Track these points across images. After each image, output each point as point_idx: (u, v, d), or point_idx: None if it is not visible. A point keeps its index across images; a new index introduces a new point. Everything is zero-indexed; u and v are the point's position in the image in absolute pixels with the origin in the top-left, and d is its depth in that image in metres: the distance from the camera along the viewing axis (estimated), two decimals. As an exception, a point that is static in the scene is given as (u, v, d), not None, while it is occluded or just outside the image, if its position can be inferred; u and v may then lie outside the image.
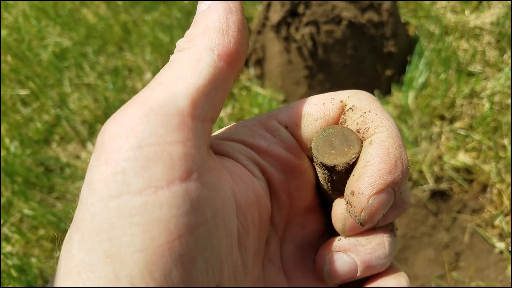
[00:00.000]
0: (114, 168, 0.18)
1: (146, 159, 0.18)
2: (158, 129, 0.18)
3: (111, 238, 0.17)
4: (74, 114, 1.51)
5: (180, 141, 0.18)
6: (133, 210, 0.17)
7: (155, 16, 1.85)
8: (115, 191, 0.17)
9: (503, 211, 1.08)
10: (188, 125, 0.19)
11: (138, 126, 0.18)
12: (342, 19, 1.19)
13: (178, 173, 0.18)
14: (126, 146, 0.18)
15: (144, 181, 0.17)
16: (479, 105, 1.23)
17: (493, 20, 1.43)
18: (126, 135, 0.18)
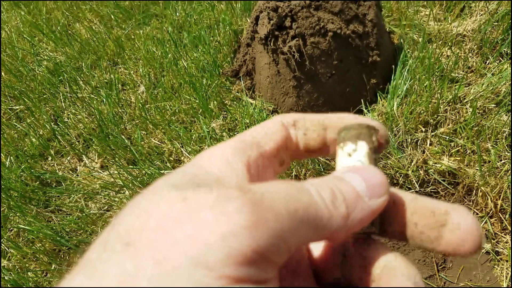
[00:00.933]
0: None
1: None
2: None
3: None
4: (69, 128, 1.53)
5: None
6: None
7: (147, 30, 1.89)
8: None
9: (488, 213, 1.11)
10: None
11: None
12: (327, 31, 1.23)
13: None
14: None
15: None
16: (463, 110, 1.27)
17: (475, 27, 1.47)
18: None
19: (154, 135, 1.45)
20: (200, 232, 0.18)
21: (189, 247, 0.18)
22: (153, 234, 0.18)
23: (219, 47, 1.66)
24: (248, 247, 0.17)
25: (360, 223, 0.21)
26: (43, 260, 1.19)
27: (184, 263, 0.17)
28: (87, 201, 1.32)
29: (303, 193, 0.20)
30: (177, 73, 1.59)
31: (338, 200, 0.21)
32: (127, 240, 0.19)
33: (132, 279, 0.17)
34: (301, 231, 0.19)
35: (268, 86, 1.37)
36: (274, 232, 0.18)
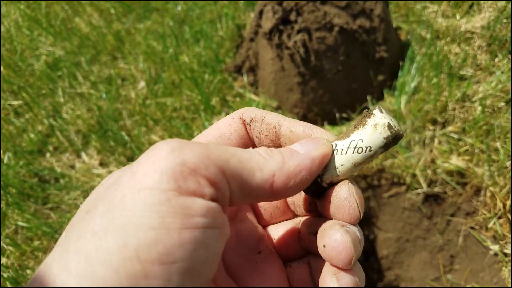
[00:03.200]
0: (158, 168, 0.21)
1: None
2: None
3: (130, 215, 0.19)
4: (68, 124, 1.51)
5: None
6: (158, 201, 0.20)
7: (148, 24, 1.86)
8: (149, 184, 0.21)
9: (496, 214, 1.09)
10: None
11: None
12: (333, 25, 1.20)
13: (198, 192, 0.21)
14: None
15: (174, 185, 0.21)
16: (471, 108, 1.24)
17: (484, 24, 1.44)
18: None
19: (154, 131, 1.42)
20: (136, 168, 0.21)
21: (129, 180, 0.21)
22: (104, 191, 0.22)
23: (221, 42, 1.63)
24: (175, 163, 0.21)
25: (297, 168, 0.24)
26: (42, 258, 1.17)
27: (128, 193, 0.20)
28: (86, 198, 1.29)
29: (238, 149, 0.24)
30: (178, 68, 1.56)
31: (274, 152, 0.24)
32: (87, 209, 0.21)
33: (88, 221, 0.20)
34: (225, 154, 0.22)
35: (271, 82, 1.34)
36: (197, 150, 0.22)
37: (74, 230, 0.21)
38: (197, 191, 0.21)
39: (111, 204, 0.20)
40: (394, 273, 1.15)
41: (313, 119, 1.33)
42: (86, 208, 0.22)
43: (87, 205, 0.22)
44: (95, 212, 0.20)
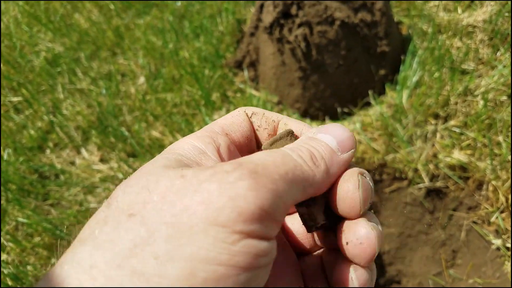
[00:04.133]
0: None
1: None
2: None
3: (200, 247, 0.20)
4: (68, 120, 1.50)
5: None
6: (230, 240, 0.20)
7: (147, 20, 1.85)
8: (223, 222, 0.20)
9: (499, 208, 1.08)
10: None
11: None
12: (335, 19, 1.19)
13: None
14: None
15: (246, 228, 0.21)
16: (473, 102, 1.23)
17: (486, 18, 1.43)
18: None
19: (154, 127, 1.41)
20: (208, 198, 0.20)
21: (201, 210, 0.20)
22: (159, 205, 0.20)
23: (221, 37, 1.62)
24: (255, 205, 0.20)
25: (337, 174, 0.25)
26: (42, 254, 1.17)
27: (199, 223, 0.19)
28: (86, 194, 1.29)
29: (286, 158, 0.23)
30: (178, 64, 1.55)
31: (318, 159, 0.24)
32: (131, 212, 0.20)
33: (147, 240, 0.19)
34: (293, 190, 0.22)
35: (272, 77, 1.34)
36: (273, 192, 0.21)
37: (118, 236, 0.20)
38: (268, 236, 0.21)
39: (178, 230, 0.19)
40: (396, 268, 1.14)
41: (314, 114, 1.32)
42: (127, 210, 0.21)
43: (129, 207, 0.21)
44: (151, 228, 0.20)
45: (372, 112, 1.28)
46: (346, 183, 0.25)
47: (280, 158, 0.23)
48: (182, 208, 0.20)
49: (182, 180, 0.21)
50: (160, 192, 0.21)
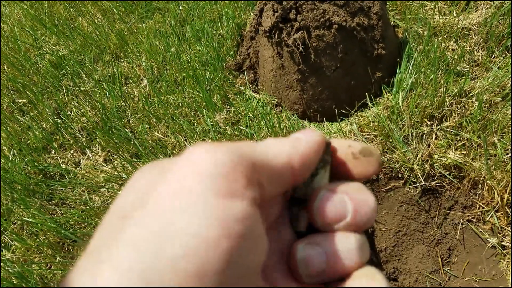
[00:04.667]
0: (195, 170, 0.20)
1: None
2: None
3: (167, 221, 0.19)
4: (72, 121, 1.53)
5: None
6: (195, 205, 0.19)
7: (150, 24, 1.88)
8: (187, 186, 0.20)
9: (494, 207, 1.11)
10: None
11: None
12: (332, 23, 1.22)
13: (238, 192, 0.20)
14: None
15: (212, 187, 0.20)
16: (468, 104, 1.26)
17: (481, 21, 1.46)
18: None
19: (157, 128, 1.44)
20: (172, 175, 0.20)
21: (166, 188, 0.19)
22: (137, 199, 0.20)
23: (222, 40, 1.65)
24: (212, 163, 0.20)
25: (306, 150, 0.25)
26: (47, 253, 1.19)
27: (166, 198, 0.19)
28: (90, 194, 1.31)
29: (254, 142, 0.24)
30: (180, 67, 1.58)
31: (282, 140, 0.25)
32: (123, 214, 0.20)
33: (124, 231, 0.19)
34: (257, 152, 0.22)
35: (272, 80, 1.37)
36: (231, 150, 0.21)
37: (108, 237, 0.19)
38: (237, 192, 0.20)
39: (146, 209, 0.19)
40: (393, 266, 1.17)
41: (313, 115, 1.35)
42: (120, 212, 0.20)
43: (122, 209, 0.20)
44: (132, 219, 0.19)
45: (369, 113, 1.31)
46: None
47: (250, 142, 0.24)
48: (150, 186, 0.20)
49: (158, 166, 0.22)
50: (142, 184, 0.21)
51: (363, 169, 0.28)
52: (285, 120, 1.35)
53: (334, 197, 0.25)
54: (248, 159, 0.21)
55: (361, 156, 0.27)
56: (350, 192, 0.26)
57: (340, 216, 0.25)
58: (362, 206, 0.25)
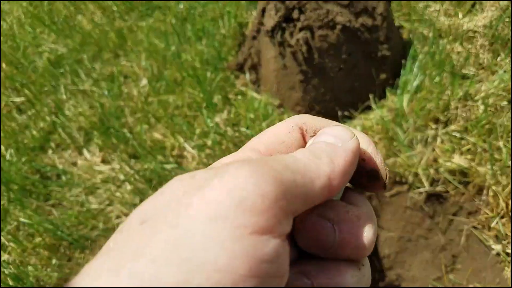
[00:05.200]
0: (232, 200, 0.19)
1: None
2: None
3: (198, 248, 0.18)
4: (70, 121, 1.51)
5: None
6: (229, 238, 0.18)
7: (150, 22, 1.86)
8: (222, 215, 0.19)
9: (499, 213, 1.08)
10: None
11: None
12: (336, 23, 1.19)
13: (274, 229, 0.19)
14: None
15: (247, 220, 0.19)
16: (474, 107, 1.23)
17: (486, 23, 1.44)
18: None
19: (156, 129, 1.42)
20: (209, 193, 0.19)
21: (202, 207, 0.18)
22: (166, 207, 0.19)
23: (223, 40, 1.63)
24: (255, 193, 0.18)
25: (346, 165, 0.23)
26: (44, 255, 1.17)
27: (198, 220, 0.18)
28: (88, 195, 1.29)
29: (285, 156, 0.22)
30: (181, 66, 1.56)
31: (317, 153, 0.23)
32: (142, 219, 0.19)
33: (148, 243, 0.18)
34: (298, 179, 0.20)
35: (274, 80, 1.34)
36: (275, 179, 0.19)
37: (126, 243, 0.19)
38: (273, 228, 0.19)
39: (176, 228, 0.18)
40: (396, 272, 1.15)
41: (315, 117, 1.33)
42: (140, 217, 0.20)
43: (143, 214, 0.20)
44: (155, 231, 0.18)
45: (372, 116, 1.29)
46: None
47: (279, 155, 0.22)
48: (184, 206, 0.19)
49: (191, 180, 0.20)
50: (169, 193, 0.20)
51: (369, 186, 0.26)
52: (287, 122, 1.32)
53: (321, 224, 0.23)
54: (291, 191, 0.20)
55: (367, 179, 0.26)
56: (341, 220, 0.23)
57: (323, 245, 0.23)
58: (350, 238, 0.23)
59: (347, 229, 0.23)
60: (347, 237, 0.23)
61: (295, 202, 0.20)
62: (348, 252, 0.23)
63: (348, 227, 0.23)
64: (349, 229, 0.23)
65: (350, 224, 0.23)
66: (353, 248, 0.23)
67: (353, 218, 0.24)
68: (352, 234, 0.23)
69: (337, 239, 0.23)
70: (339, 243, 0.23)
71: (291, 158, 0.22)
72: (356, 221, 0.23)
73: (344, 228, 0.23)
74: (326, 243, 0.23)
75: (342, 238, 0.23)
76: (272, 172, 0.19)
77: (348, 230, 0.23)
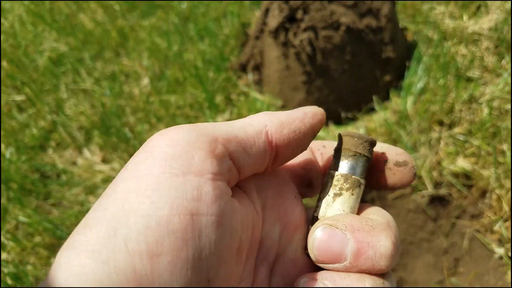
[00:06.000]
0: (150, 154, 0.21)
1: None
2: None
3: (123, 202, 0.19)
4: (71, 120, 1.50)
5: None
6: (148, 185, 0.19)
7: (152, 21, 1.85)
8: (141, 171, 0.20)
9: (502, 217, 1.08)
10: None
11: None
12: (340, 24, 1.19)
13: (194, 168, 0.20)
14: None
15: (165, 167, 0.20)
16: (478, 110, 1.23)
17: (491, 26, 1.43)
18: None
19: (157, 128, 1.41)
20: (153, 145, 0.21)
21: (146, 162, 0.20)
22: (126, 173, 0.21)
23: (226, 40, 1.62)
24: (185, 142, 0.21)
25: (292, 118, 0.25)
26: (43, 254, 1.16)
27: (140, 174, 0.20)
28: (87, 194, 1.28)
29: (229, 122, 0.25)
30: (183, 66, 1.55)
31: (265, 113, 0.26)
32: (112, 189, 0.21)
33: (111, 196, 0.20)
34: (229, 130, 0.22)
35: (276, 81, 1.33)
36: (203, 133, 0.21)
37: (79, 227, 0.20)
38: (194, 168, 0.20)
39: (104, 196, 0.20)
40: (398, 275, 1.14)
41: (318, 118, 1.32)
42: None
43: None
44: (93, 205, 0.20)
45: (376, 117, 1.28)
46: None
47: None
48: (135, 162, 0.21)
49: (155, 136, 0.23)
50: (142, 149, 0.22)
51: (397, 180, 0.26)
52: (289, 123, 1.32)
53: (334, 234, 0.23)
54: (208, 134, 0.21)
55: (394, 167, 0.25)
56: (356, 230, 0.23)
57: (335, 258, 0.23)
58: (367, 249, 0.22)
59: (362, 238, 0.23)
60: (362, 246, 0.22)
61: (222, 143, 0.21)
62: (367, 264, 0.22)
63: (363, 236, 0.22)
64: (363, 238, 0.22)
65: (364, 233, 0.23)
66: (369, 258, 0.22)
67: (367, 227, 0.23)
68: (367, 243, 0.22)
69: (352, 249, 0.22)
70: (355, 253, 0.22)
71: (232, 121, 0.24)
72: (371, 230, 0.23)
73: (358, 236, 0.22)
74: (342, 254, 0.23)
75: (358, 247, 0.22)
76: (187, 126, 0.22)
77: (362, 238, 0.23)
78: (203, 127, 0.22)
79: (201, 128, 0.22)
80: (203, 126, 0.22)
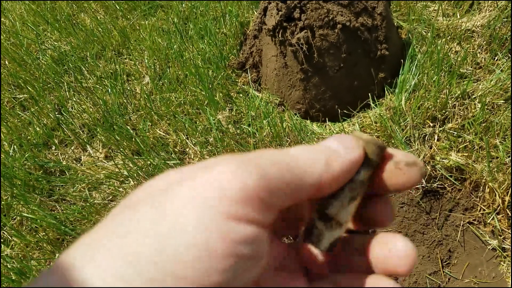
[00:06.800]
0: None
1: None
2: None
3: (177, 226, 0.19)
4: (74, 117, 1.52)
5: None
6: (209, 220, 0.19)
7: (153, 21, 1.88)
8: (206, 201, 0.20)
9: (495, 209, 1.10)
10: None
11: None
12: (336, 23, 1.21)
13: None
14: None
15: (227, 208, 0.20)
16: (471, 106, 1.25)
17: (484, 23, 1.46)
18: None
19: (159, 126, 1.44)
20: (197, 182, 0.20)
21: (186, 193, 0.19)
22: (155, 192, 0.21)
23: (225, 39, 1.65)
24: (237, 185, 0.19)
25: (342, 171, 0.23)
26: (47, 249, 1.19)
27: (182, 203, 0.19)
28: (91, 191, 1.31)
29: (277, 152, 0.22)
30: (183, 65, 1.58)
31: (315, 152, 0.23)
32: (129, 203, 0.21)
33: (125, 222, 0.19)
34: (285, 175, 0.21)
35: (274, 79, 1.36)
36: (259, 173, 0.20)
37: (107, 222, 0.20)
38: (251, 217, 0.20)
39: (156, 208, 0.19)
40: (393, 267, 1.16)
41: (315, 115, 1.35)
42: (128, 203, 0.21)
43: (130, 201, 0.21)
44: (139, 211, 0.19)
45: (371, 114, 1.31)
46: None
47: (272, 150, 0.23)
48: (168, 188, 0.20)
49: (185, 170, 0.22)
50: (164, 180, 0.21)
51: (406, 180, 0.26)
52: (288, 120, 1.34)
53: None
54: (275, 185, 0.21)
55: (404, 167, 0.25)
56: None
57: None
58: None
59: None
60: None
61: (279, 195, 0.21)
62: (380, 265, 0.25)
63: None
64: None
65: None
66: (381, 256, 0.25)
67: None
68: (377, 242, 0.25)
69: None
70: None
71: (282, 156, 0.22)
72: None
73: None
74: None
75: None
76: (256, 168, 0.20)
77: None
78: (272, 171, 0.21)
79: (271, 173, 0.21)
80: (272, 170, 0.21)
